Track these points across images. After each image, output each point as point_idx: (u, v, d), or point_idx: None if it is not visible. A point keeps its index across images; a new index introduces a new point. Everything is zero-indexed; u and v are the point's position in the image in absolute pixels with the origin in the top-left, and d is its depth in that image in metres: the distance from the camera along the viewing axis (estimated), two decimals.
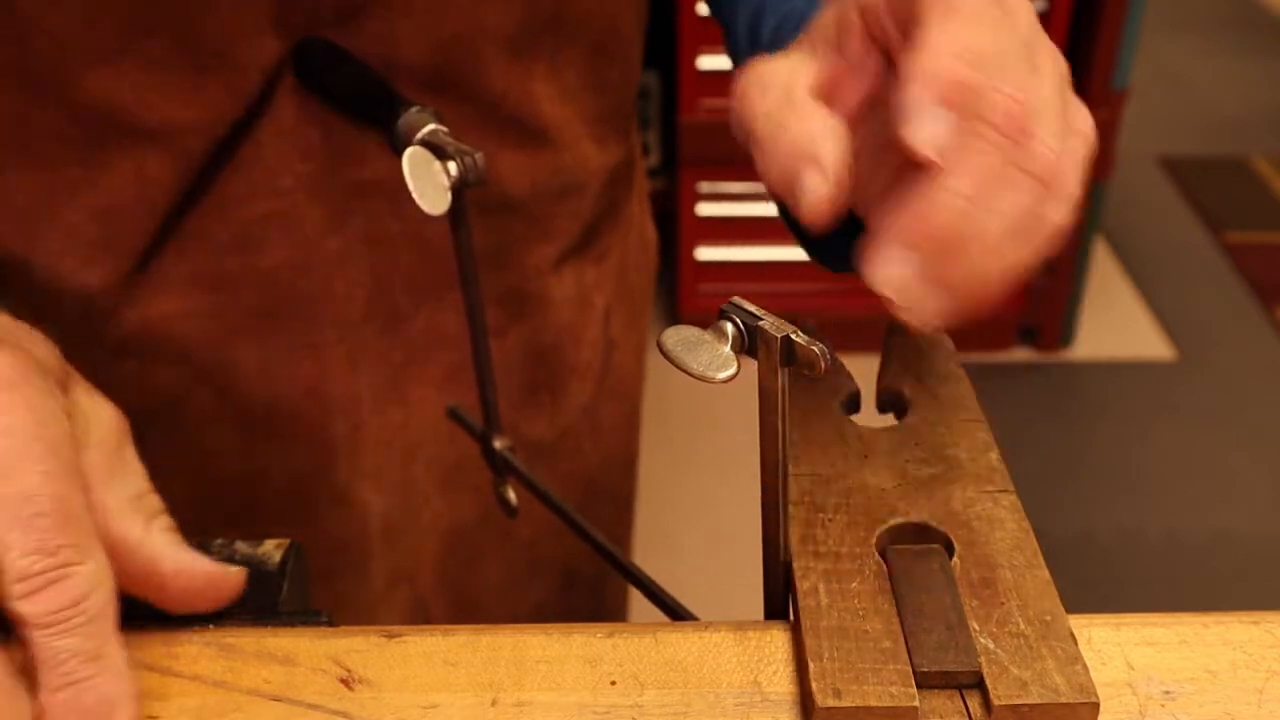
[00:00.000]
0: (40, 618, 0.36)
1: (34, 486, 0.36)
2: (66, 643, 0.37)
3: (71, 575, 0.36)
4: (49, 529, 0.36)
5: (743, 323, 0.40)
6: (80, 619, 0.37)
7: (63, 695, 0.37)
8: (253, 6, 0.54)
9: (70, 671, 0.37)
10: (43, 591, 0.36)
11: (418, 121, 0.51)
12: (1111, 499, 2.14)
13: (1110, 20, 2.11)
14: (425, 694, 0.41)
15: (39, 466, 0.37)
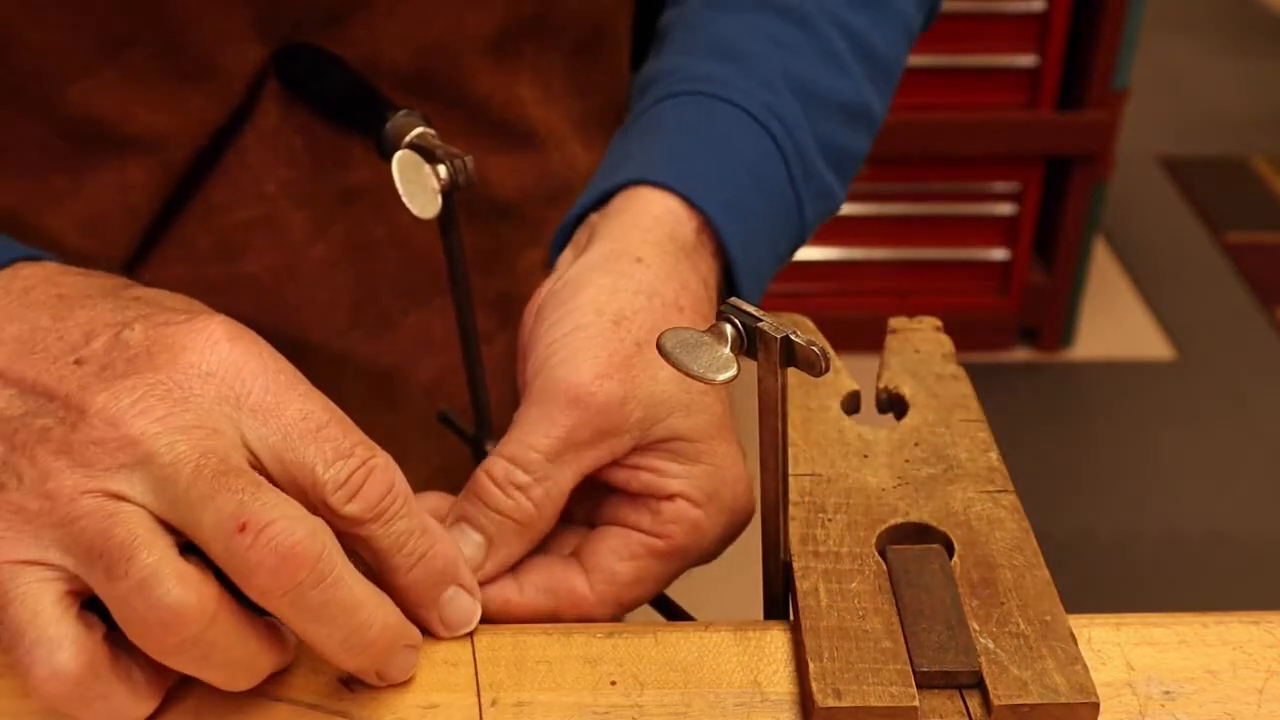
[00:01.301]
0: (369, 513, 0.39)
1: (305, 405, 0.39)
2: (399, 526, 0.40)
3: (375, 467, 0.40)
4: (337, 435, 0.39)
5: (742, 324, 0.40)
6: (400, 501, 0.40)
7: (416, 572, 0.41)
8: (235, 14, 0.53)
9: (413, 549, 0.41)
10: (361, 490, 0.39)
11: (405, 125, 0.51)
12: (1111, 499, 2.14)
13: (1110, 20, 2.11)
14: (425, 694, 0.41)
15: (299, 388, 0.40)
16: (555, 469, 0.46)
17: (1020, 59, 2.18)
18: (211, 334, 0.39)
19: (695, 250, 0.51)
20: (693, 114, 0.56)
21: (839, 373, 0.54)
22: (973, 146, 2.24)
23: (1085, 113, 2.20)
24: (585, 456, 0.46)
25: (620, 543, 0.47)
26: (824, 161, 0.58)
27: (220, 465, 0.37)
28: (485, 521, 0.46)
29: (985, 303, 2.42)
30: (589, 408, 0.45)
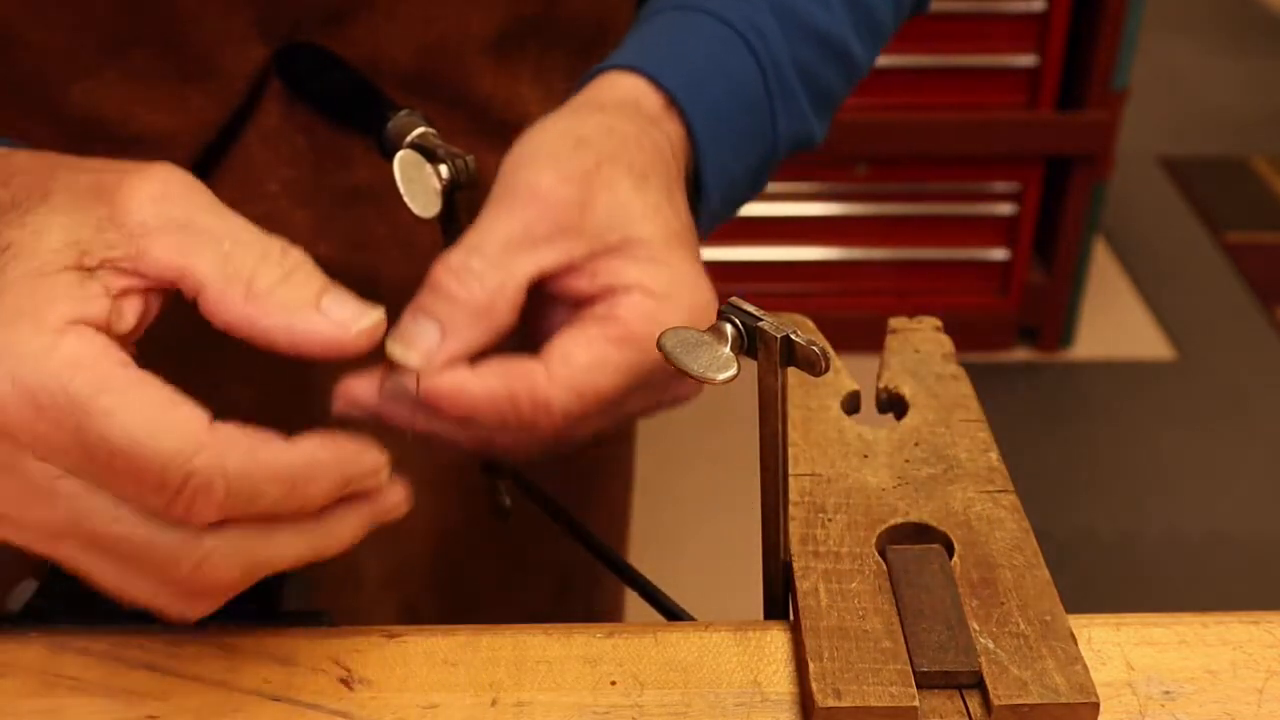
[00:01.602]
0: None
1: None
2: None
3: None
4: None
5: (742, 323, 0.40)
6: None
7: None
8: (237, 14, 0.53)
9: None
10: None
11: (407, 125, 0.51)
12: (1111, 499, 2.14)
13: (1110, 20, 2.11)
14: (425, 694, 0.41)
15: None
16: (510, 259, 0.45)
17: (1020, 59, 2.18)
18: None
19: (659, 119, 0.52)
20: (672, 22, 0.56)
21: (839, 373, 0.54)
22: (973, 146, 2.24)
23: (1085, 113, 2.20)
24: (542, 253, 0.45)
25: (576, 332, 0.46)
26: (800, 84, 0.58)
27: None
28: (439, 308, 0.44)
29: (985, 303, 2.42)
30: (546, 202, 0.45)
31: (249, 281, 0.38)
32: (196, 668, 0.42)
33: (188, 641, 0.43)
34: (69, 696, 0.41)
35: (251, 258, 0.38)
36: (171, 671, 0.42)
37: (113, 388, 0.36)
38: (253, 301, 0.38)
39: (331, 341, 0.39)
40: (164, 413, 0.36)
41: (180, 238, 0.38)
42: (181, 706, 0.41)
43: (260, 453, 0.37)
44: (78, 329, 0.36)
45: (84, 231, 0.38)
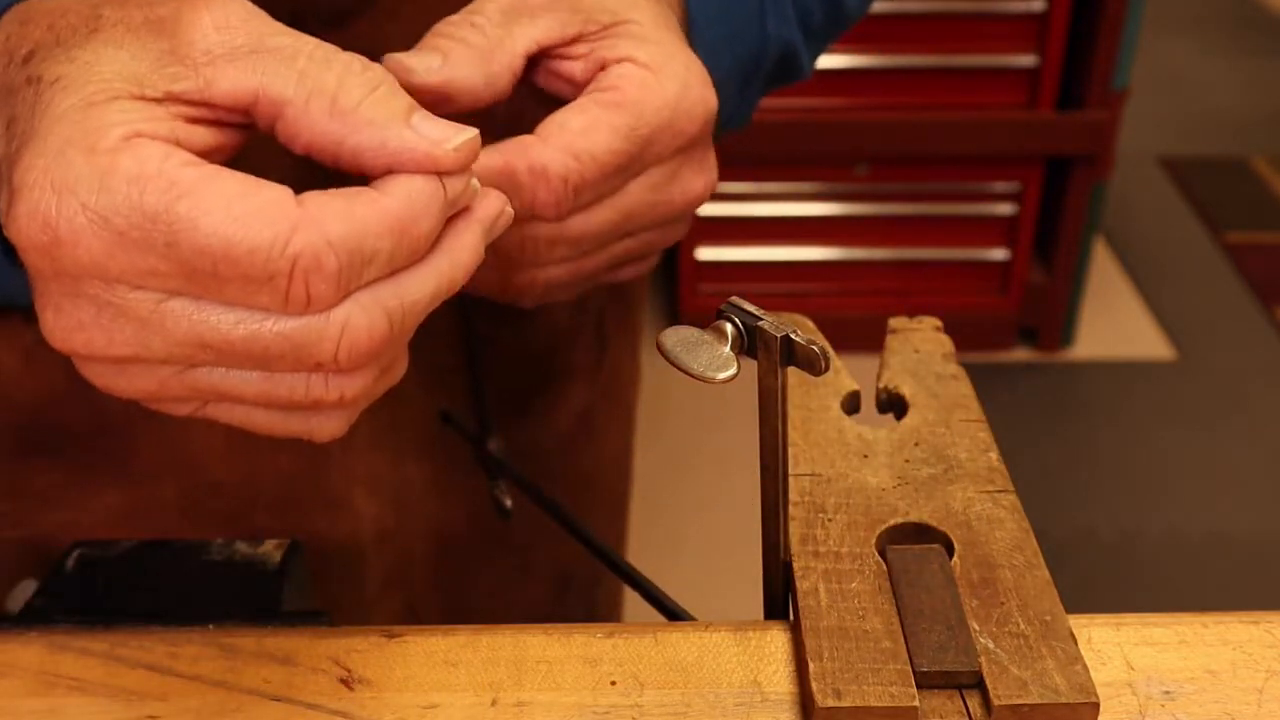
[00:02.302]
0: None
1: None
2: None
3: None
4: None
5: (742, 323, 0.40)
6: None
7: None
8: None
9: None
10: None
11: None
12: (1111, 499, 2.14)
13: (1110, 20, 2.11)
14: (425, 694, 0.41)
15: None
16: (508, 23, 0.45)
17: (1020, 59, 2.18)
18: None
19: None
20: None
21: (839, 373, 0.54)
22: (973, 146, 2.24)
23: (1085, 113, 2.20)
24: (537, 23, 0.45)
25: (570, 105, 0.45)
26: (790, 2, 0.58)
27: None
28: (442, 42, 0.44)
29: (985, 303, 2.42)
30: None
31: (333, 97, 0.35)
32: (196, 668, 0.42)
33: (188, 641, 0.43)
34: (69, 696, 0.41)
35: (333, 73, 0.36)
36: (171, 671, 0.42)
37: (186, 191, 0.33)
38: (338, 118, 0.35)
39: (426, 159, 0.36)
40: (246, 202, 0.33)
41: (251, 60, 0.35)
42: (181, 706, 0.41)
43: (357, 210, 0.34)
44: (132, 143, 0.33)
45: (141, 65, 0.35)
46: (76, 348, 0.35)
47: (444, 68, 0.43)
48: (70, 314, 0.35)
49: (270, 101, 0.36)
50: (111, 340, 0.35)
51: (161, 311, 0.34)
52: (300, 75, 0.35)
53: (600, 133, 0.44)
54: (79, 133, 0.33)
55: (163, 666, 0.42)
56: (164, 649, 0.43)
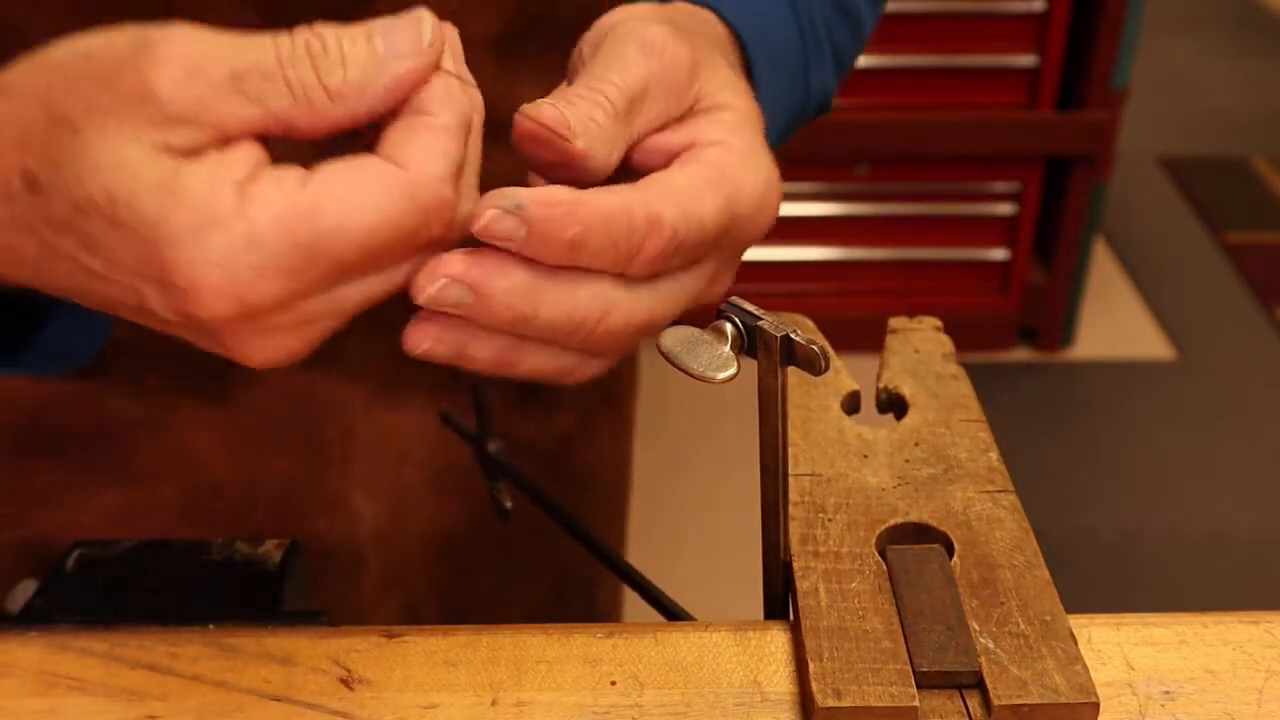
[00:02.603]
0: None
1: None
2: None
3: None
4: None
5: (742, 322, 0.40)
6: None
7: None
8: (238, 13, 0.53)
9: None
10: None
11: None
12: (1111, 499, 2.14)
13: (1110, 20, 2.11)
14: (425, 694, 0.41)
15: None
16: (631, 110, 0.44)
17: (1020, 59, 2.18)
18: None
19: (727, 47, 0.51)
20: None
21: (839, 373, 0.54)
22: (973, 146, 2.24)
23: (1085, 113, 2.20)
24: (654, 106, 0.45)
25: (669, 169, 0.44)
26: (827, 44, 0.58)
27: None
28: (575, 117, 0.43)
29: (985, 303, 2.42)
30: (664, 60, 0.44)
31: (322, 77, 0.38)
32: (196, 668, 0.42)
33: (188, 641, 0.43)
34: (69, 696, 0.41)
35: (306, 69, 0.38)
36: (171, 671, 0.42)
37: (320, 210, 0.37)
38: (340, 101, 0.38)
39: (422, 67, 0.39)
40: (364, 193, 0.37)
41: (238, 92, 0.37)
42: (181, 706, 0.41)
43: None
44: (246, 193, 0.36)
45: (151, 141, 0.36)
46: (280, 360, 0.39)
47: (583, 142, 0.42)
48: (276, 349, 0.38)
49: (277, 120, 0.38)
50: (306, 341, 0.39)
51: (348, 296, 0.38)
52: (289, 84, 0.37)
53: (704, 198, 0.43)
54: (195, 214, 0.35)
55: (163, 666, 0.42)
56: (164, 649, 0.43)
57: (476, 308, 0.39)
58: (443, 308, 0.39)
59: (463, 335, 0.40)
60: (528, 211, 0.38)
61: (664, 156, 0.45)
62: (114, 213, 0.36)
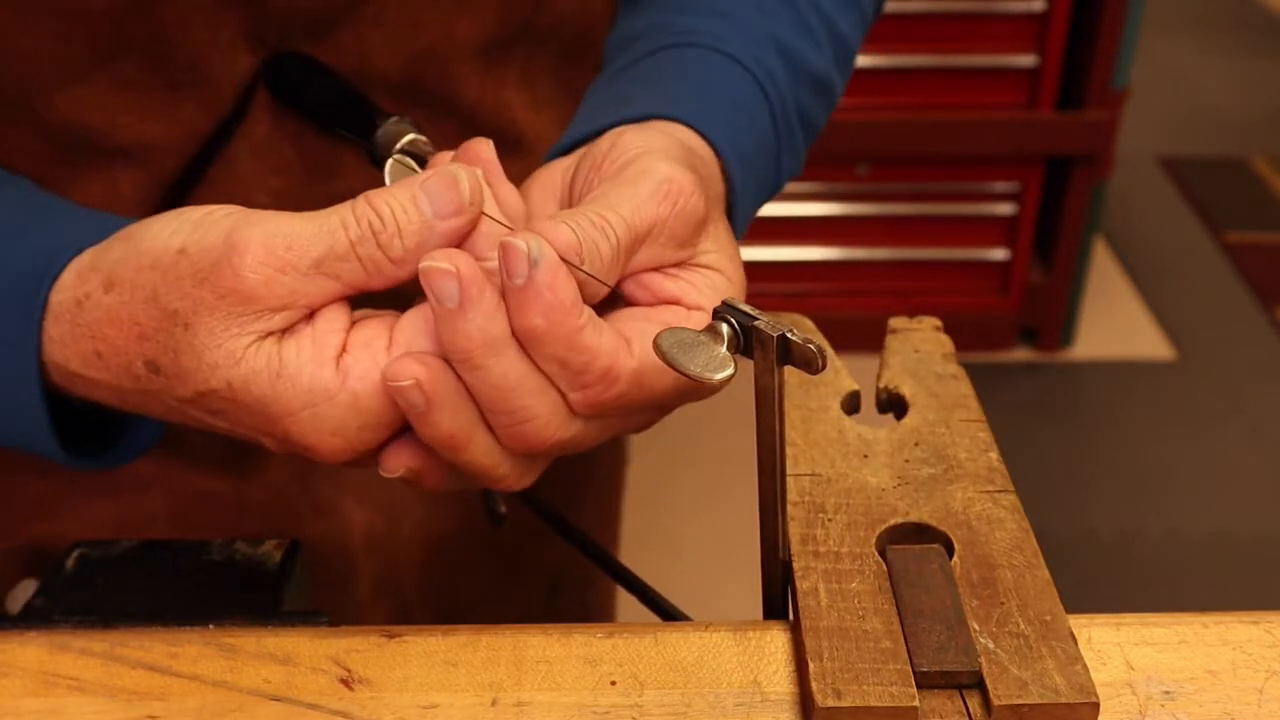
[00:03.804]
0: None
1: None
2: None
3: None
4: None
5: (738, 323, 0.40)
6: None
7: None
8: (225, 22, 0.53)
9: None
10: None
11: (397, 132, 0.51)
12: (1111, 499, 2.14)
13: (1110, 20, 2.11)
14: (425, 694, 0.41)
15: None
16: (633, 246, 0.45)
17: (1020, 59, 2.18)
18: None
19: (714, 172, 0.52)
20: (690, 62, 0.56)
21: (839, 373, 0.54)
22: (973, 146, 2.24)
23: (1085, 113, 2.20)
24: (653, 248, 0.46)
25: (643, 325, 0.45)
26: (799, 125, 0.59)
27: None
28: (582, 239, 0.44)
29: (985, 303, 2.42)
30: (680, 208, 0.46)
31: (386, 251, 0.42)
32: (196, 668, 0.42)
33: (188, 641, 0.43)
34: (69, 696, 0.41)
35: (373, 247, 0.42)
36: (171, 671, 0.42)
37: (361, 376, 0.42)
38: (402, 265, 0.42)
39: (466, 223, 0.43)
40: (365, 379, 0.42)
41: (317, 274, 0.42)
42: (181, 706, 0.41)
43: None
44: (340, 364, 0.42)
45: (252, 330, 0.41)
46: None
47: (588, 264, 0.44)
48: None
49: (354, 288, 0.43)
50: (350, 444, 0.43)
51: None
52: (361, 261, 0.42)
53: (667, 374, 0.45)
54: (306, 395, 0.41)
55: (163, 666, 0.42)
56: (164, 649, 0.43)
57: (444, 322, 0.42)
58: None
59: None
60: (538, 267, 0.41)
61: (649, 296, 0.47)
62: (233, 396, 0.41)
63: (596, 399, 0.43)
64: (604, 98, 0.56)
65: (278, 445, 0.43)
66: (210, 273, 0.41)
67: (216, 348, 0.41)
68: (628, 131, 0.49)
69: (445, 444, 0.43)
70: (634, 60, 0.58)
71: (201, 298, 0.41)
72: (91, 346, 0.43)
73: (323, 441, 0.42)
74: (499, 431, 0.44)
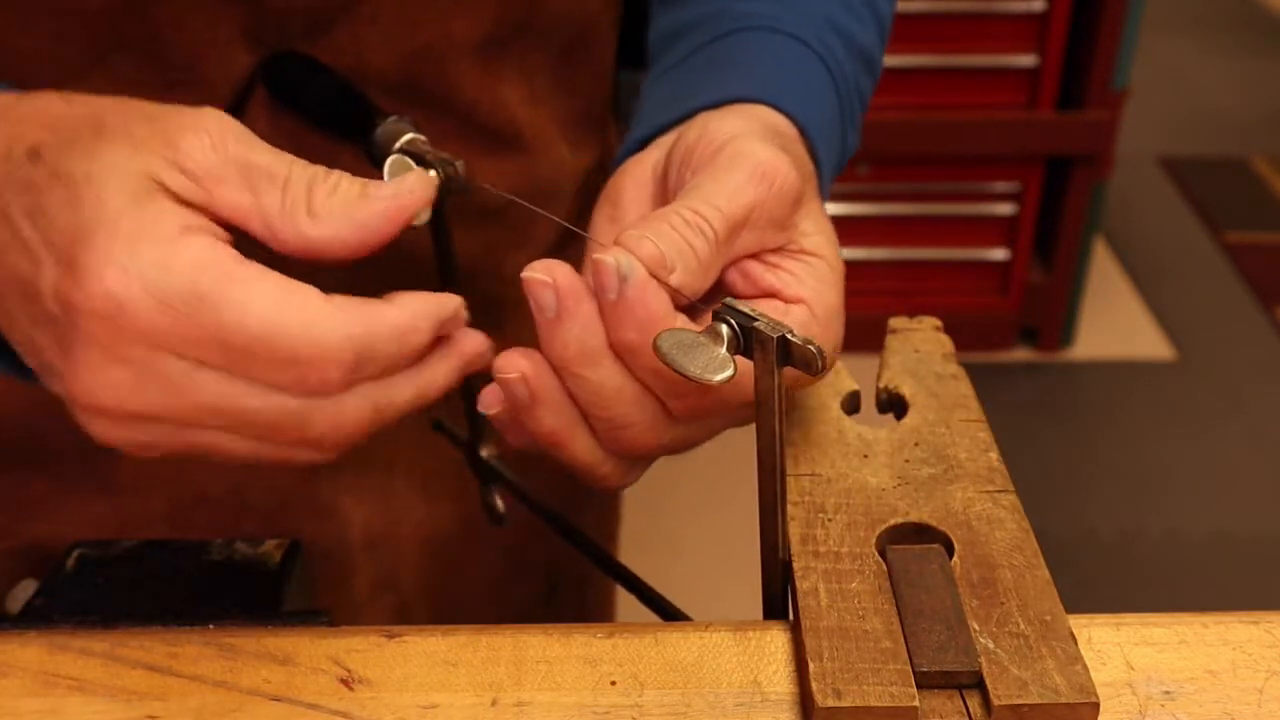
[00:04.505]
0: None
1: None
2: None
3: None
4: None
5: (737, 324, 0.40)
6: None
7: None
8: (223, 21, 0.53)
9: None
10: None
11: (395, 131, 0.51)
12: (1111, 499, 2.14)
13: (1110, 20, 2.11)
14: (425, 694, 0.41)
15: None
16: (731, 237, 0.45)
17: (1020, 59, 2.18)
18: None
19: (800, 147, 0.52)
20: (758, 44, 0.57)
21: (839, 373, 0.54)
22: (973, 146, 2.24)
23: (1085, 113, 2.20)
24: (754, 234, 0.46)
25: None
26: (858, 103, 0.60)
27: None
28: (674, 243, 0.44)
29: (985, 303, 2.42)
30: (775, 187, 0.45)
31: (307, 206, 0.41)
32: (196, 668, 0.42)
33: (188, 641, 0.43)
34: (69, 696, 0.41)
35: (302, 186, 0.41)
36: (171, 671, 0.42)
37: (238, 279, 0.38)
38: (316, 220, 0.41)
39: (396, 212, 0.42)
40: (289, 297, 0.39)
41: (245, 180, 0.40)
42: (181, 706, 0.41)
43: (372, 314, 0.40)
44: (191, 234, 0.39)
45: (154, 170, 0.39)
46: (103, 401, 0.39)
47: (678, 274, 0.44)
48: (108, 373, 0.39)
49: (262, 218, 0.41)
50: (141, 399, 0.39)
51: (193, 379, 0.39)
52: (284, 193, 0.41)
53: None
54: (141, 222, 0.38)
55: (163, 666, 0.42)
56: (164, 649, 0.43)
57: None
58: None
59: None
60: (628, 283, 0.41)
61: (750, 286, 0.47)
62: (77, 190, 0.38)
63: (695, 405, 0.44)
64: (673, 87, 0.56)
65: (53, 274, 0.39)
66: (158, 117, 0.41)
67: (114, 151, 0.39)
68: (713, 118, 0.49)
69: (547, 439, 0.43)
70: (694, 49, 0.58)
71: (134, 126, 0.40)
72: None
73: (105, 267, 0.38)
74: (600, 434, 0.44)
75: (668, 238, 0.43)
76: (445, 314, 0.43)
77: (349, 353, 0.39)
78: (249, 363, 0.39)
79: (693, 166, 0.48)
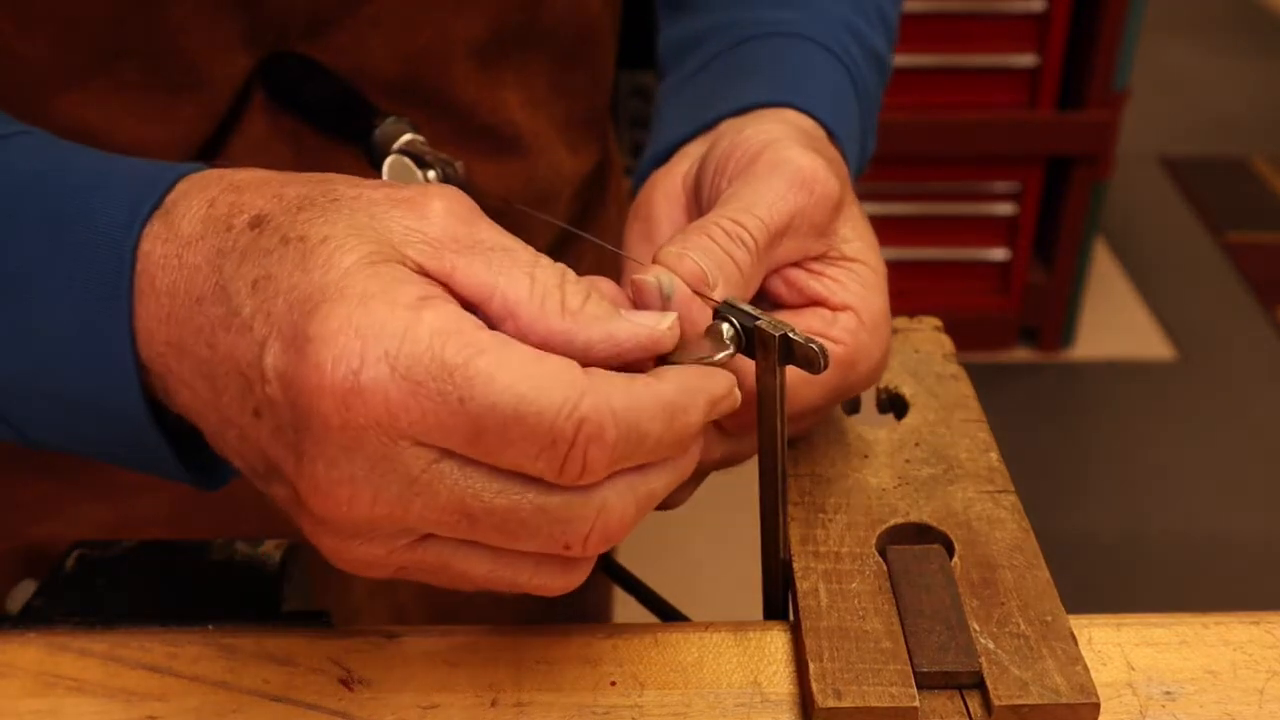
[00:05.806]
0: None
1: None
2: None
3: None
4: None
5: (739, 322, 0.40)
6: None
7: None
8: (223, 24, 0.53)
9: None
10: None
11: (394, 132, 0.51)
12: (1111, 499, 2.14)
13: (1110, 20, 2.11)
14: (425, 694, 0.41)
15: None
16: (772, 246, 0.44)
17: (1020, 59, 2.18)
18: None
19: (833, 151, 0.52)
20: (782, 50, 0.56)
21: None
22: (973, 146, 2.24)
23: (1085, 113, 2.20)
24: (794, 242, 0.45)
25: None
26: (875, 106, 0.60)
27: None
28: (714, 255, 0.42)
29: (985, 303, 2.42)
30: (815, 194, 0.45)
31: (561, 300, 0.37)
32: (196, 668, 0.42)
33: (188, 641, 0.43)
34: (69, 696, 0.41)
35: (554, 278, 0.37)
36: (171, 671, 0.42)
37: (484, 349, 0.34)
38: (570, 317, 0.36)
39: (649, 340, 0.38)
40: (539, 366, 0.34)
41: (487, 257, 0.37)
42: (181, 706, 0.41)
43: (636, 388, 0.36)
44: (431, 302, 0.35)
45: (394, 236, 0.36)
46: (338, 503, 0.35)
47: (720, 288, 0.42)
48: (343, 467, 0.34)
49: (505, 300, 0.36)
50: (375, 498, 0.35)
51: (432, 472, 0.34)
52: (532, 279, 0.37)
53: (814, 387, 0.44)
54: (377, 286, 0.34)
55: (163, 666, 0.42)
56: (164, 649, 0.43)
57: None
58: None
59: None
60: (671, 302, 0.40)
61: (796, 295, 0.46)
62: (310, 252, 0.35)
63: (743, 419, 0.43)
64: (694, 95, 0.56)
65: (279, 352, 0.34)
66: (397, 186, 0.37)
67: (352, 214, 0.36)
68: (746, 123, 0.49)
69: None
70: (713, 56, 0.58)
71: (371, 192, 0.37)
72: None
73: (339, 335, 0.33)
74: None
75: (709, 251, 0.42)
76: (719, 391, 0.39)
77: (612, 429, 0.34)
78: (501, 446, 0.34)
79: (729, 174, 0.47)
